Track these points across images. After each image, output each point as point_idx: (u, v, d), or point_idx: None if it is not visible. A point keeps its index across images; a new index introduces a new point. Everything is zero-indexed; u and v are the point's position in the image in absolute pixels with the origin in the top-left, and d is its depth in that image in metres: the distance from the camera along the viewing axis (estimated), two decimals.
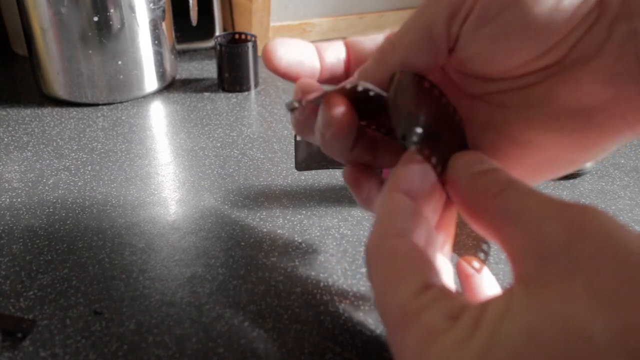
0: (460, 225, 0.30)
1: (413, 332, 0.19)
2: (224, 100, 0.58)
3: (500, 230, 0.20)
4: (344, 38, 0.27)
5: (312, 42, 0.27)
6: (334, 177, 0.43)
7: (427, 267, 0.20)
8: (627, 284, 0.15)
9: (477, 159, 0.22)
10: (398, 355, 0.19)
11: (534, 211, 0.19)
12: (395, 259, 0.20)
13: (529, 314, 0.16)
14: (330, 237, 0.36)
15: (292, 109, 0.25)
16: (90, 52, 0.54)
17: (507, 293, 0.18)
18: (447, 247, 0.26)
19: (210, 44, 0.68)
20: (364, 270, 0.33)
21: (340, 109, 0.23)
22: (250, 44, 0.58)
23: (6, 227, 0.37)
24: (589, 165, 0.43)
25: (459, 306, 0.19)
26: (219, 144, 0.49)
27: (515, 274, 0.18)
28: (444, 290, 0.20)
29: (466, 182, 0.22)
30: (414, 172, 0.22)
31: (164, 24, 0.58)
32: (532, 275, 0.17)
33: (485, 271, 0.30)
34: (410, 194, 0.22)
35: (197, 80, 0.63)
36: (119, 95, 0.56)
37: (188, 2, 0.62)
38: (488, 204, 0.20)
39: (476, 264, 0.30)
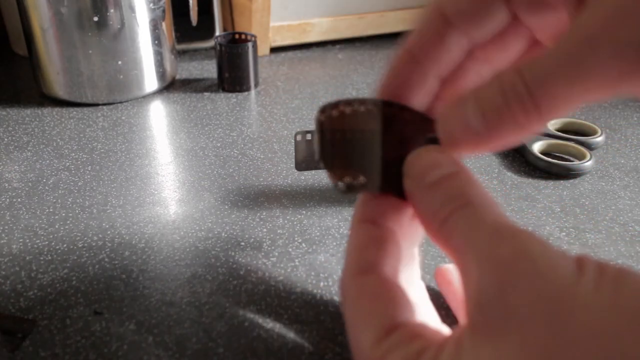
0: None
1: None
2: (224, 100, 0.58)
3: (454, 258, 0.19)
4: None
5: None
6: None
7: (393, 305, 0.20)
8: (559, 337, 0.15)
9: (430, 163, 0.21)
10: None
11: (476, 248, 0.18)
12: (361, 300, 0.20)
13: None
14: (330, 237, 0.36)
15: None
16: (90, 52, 0.54)
17: (459, 337, 0.18)
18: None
19: (210, 44, 0.68)
20: None
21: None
22: (250, 44, 0.58)
23: (6, 227, 0.37)
24: (589, 165, 0.43)
25: (417, 350, 0.18)
26: (219, 144, 0.49)
27: (466, 316, 0.18)
28: (406, 331, 0.19)
29: (420, 196, 0.21)
30: (380, 200, 0.22)
31: (164, 24, 0.58)
32: (475, 323, 0.17)
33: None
34: (377, 221, 0.21)
35: (197, 80, 0.63)
36: (119, 95, 0.56)
37: (188, 2, 0.62)
38: (440, 226, 0.19)
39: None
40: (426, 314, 0.21)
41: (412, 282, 0.23)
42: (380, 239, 0.21)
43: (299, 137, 0.38)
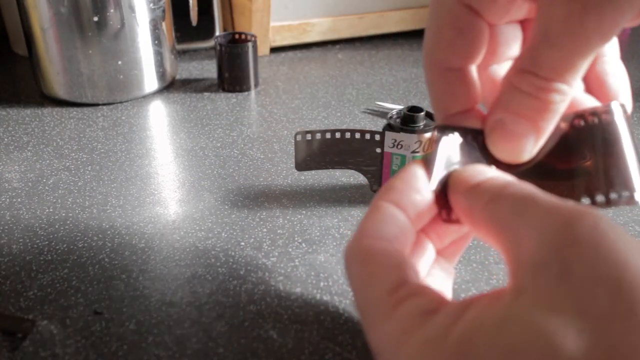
0: None
1: (388, 326, 0.19)
2: (224, 100, 0.58)
3: (498, 239, 0.19)
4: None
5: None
6: (334, 177, 0.43)
7: (403, 265, 0.20)
8: (616, 307, 0.15)
9: (473, 173, 0.22)
10: (375, 351, 0.19)
11: (529, 215, 0.18)
12: (372, 257, 0.20)
13: (512, 327, 0.16)
14: (330, 237, 0.36)
15: None
16: (90, 52, 0.54)
17: (495, 297, 0.17)
18: (454, 258, 0.26)
19: (210, 44, 0.68)
20: None
21: None
22: (250, 44, 0.58)
23: (6, 227, 0.37)
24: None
25: (436, 301, 0.19)
26: (219, 144, 0.49)
27: (509, 283, 0.18)
28: (420, 286, 0.19)
29: (464, 198, 0.21)
30: (409, 187, 0.22)
31: (164, 24, 0.58)
32: (521, 285, 0.17)
33: None
34: (400, 205, 0.22)
35: (197, 80, 0.63)
36: (119, 95, 0.56)
37: (188, 2, 0.62)
38: (483, 213, 0.20)
39: None
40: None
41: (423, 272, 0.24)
42: (399, 220, 0.21)
43: (299, 137, 0.38)
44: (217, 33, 0.68)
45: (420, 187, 0.22)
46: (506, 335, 0.16)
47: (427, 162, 0.22)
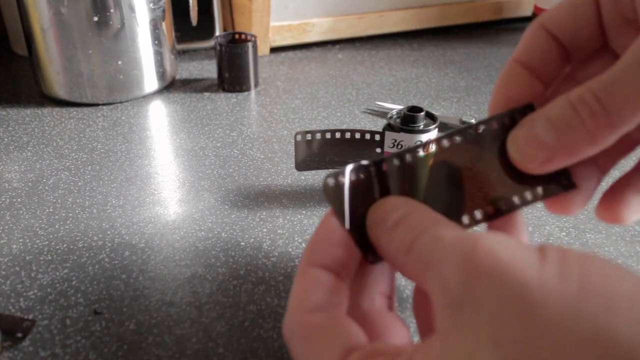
0: None
1: None
2: (224, 100, 0.58)
3: (423, 282, 0.19)
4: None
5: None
6: None
7: (345, 332, 0.20)
8: (527, 329, 0.15)
9: (389, 208, 0.21)
10: None
11: (437, 257, 0.18)
12: (312, 332, 0.20)
13: None
14: None
15: None
16: (90, 52, 0.54)
17: (427, 344, 0.17)
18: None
19: (210, 44, 0.68)
20: None
21: None
22: (250, 44, 0.58)
23: (6, 227, 0.37)
24: None
25: (388, 355, 0.18)
26: (219, 144, 0.49)
27: (436, 326, 0.18)
28: (367, 349, 0.19)
29: (384, 240, 0.21)
30: (328, 244, 0.22)
31: (164, 24, 0.58)
32: (445, 326, 0.17)
33: None
34: (326, 266, 0.21)
35: (197, 80, 0.63)
36: (119, 95, 0.56)
37: (188, 2, 0.62)
38: (406, 259, 0.20)
39: None
40: (389, 339, 0.21)
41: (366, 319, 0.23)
42: (329, 284, 0.21)
43: (299, 137, 0.38)
44: (217, 33, 0.68)
45: (339, 240, 0.22)
46: None
47: (337, 212, 0.21)
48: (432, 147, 0.22)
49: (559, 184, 0.23)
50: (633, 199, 0.23)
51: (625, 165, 0.25)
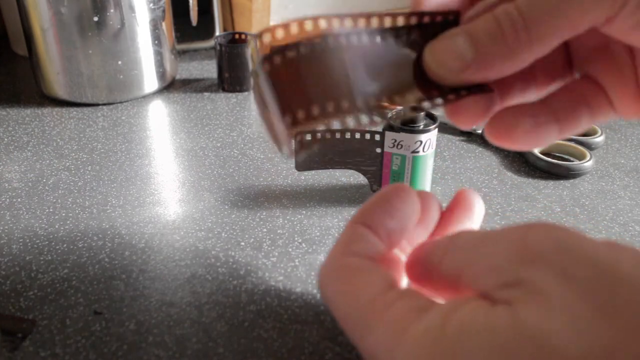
0: None
1: (382, 326, 0.19)
2: (224, 100, 0.58)
3: (462, 279, 0.20)
4: None
5: None
6: (334, 177, 0.43)
7: (387, 274, 0.20)
8: (606, 303, 0.15)
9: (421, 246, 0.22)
10: (370, 358, 0.19)
11: (486, 249, 0.19)
12: (354, 271, 0.21)
13: (505, 330, 0.16)
14: (330, 237, 0.36)
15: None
16: (90, 52, 0.54)
17: (483, 301, 0.18)
18: None
19: (210, 44, 0.68)
20: None
21: None
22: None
23: (6, 227, 0.37)
24: (589, 165, 0.43)
25: (428, 301, 0.19)
26: (219, 144, 0.49)
27: (492, 294, 0.18)
28: (408, 289, 0.20)
29: (418, 266, 0.22)
30: (378, 209, 0.23)
31: (164, 24, 0.58)
32: (508, 294, 0.17)
33: None
34: (371, 227, 0.22)
35: (197, 80, 0.63)
36: (119, 95, 0.56)
37: (188, 2, 0.62)
38: (440, 266, 0.20)
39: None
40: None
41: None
42: (371, 240, 0.22)
43: (299, 137, 0.38)
44: (217, 33, 0.68)
45: (393, 212, 0.23)
46: (498, 333, 0.16)
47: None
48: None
49: (470, 90, 0.22)
50: (526, 124, 0.22)
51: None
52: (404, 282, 0.24)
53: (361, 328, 0.20)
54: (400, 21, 0.21)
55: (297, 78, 0.19)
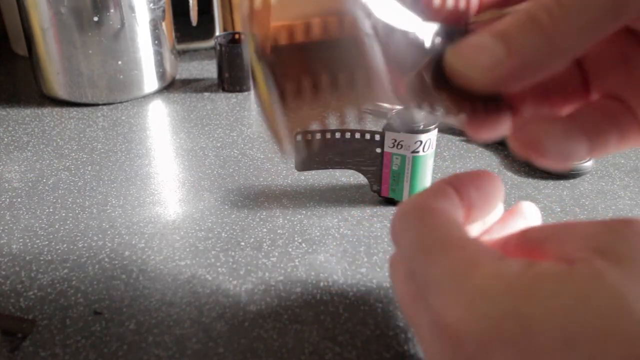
0: None
1: (458, 255, 0.19)
2: (224, 100, 0.58)
3: (545, 245, 0.20)
4: None
5: None
6: (334, 177, 0.43)
7: (463, 224, 0.21)
8: None
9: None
10: (430, 284, 0.19)
11: (570, 226, 0.19)
12: (432, 212, 0.21)
13: (585, 280, 0.16)
14: (330, 237, 0.36)
15: None
16: (90, 52, 0.54)
17: (558, 262, 0.18)
18: None
19: (210, 44, 0.68)
20: (364, 270, 0.33)
21: None
22: None
23: (6, 227, 0.37)
24: (589, 165, 0.43)
25: (503, 254, 0.19)
26: (219, 144, 0.49)
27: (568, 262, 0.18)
28: (484, 241, 0.20)
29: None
30: (474, 182, 0.23)
31: (164, 24, 0.58)
32: (588, 260, 0.17)
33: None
34: (460, 194, 0.23)
35: (197, 80, 0.63)
36: (119, 95, 0.56)
37: (188, 2, 0.62)
38: (526, 244, 0.21)
39: None
40: None
41: None
42: (455, 201, 0.22)
43: (299, 137, 0.38)
44: (217, 33, 0.68)
45: (482, 187, 0.23)
46: (577, 285, 0.16)
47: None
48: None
49: (491, 102, 0.20)
50: (558, 132, 0.21)
51: None
52: None
53: (434, 254, 0.19)
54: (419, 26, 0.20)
55: (301, 64, 0.18)
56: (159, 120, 0.54)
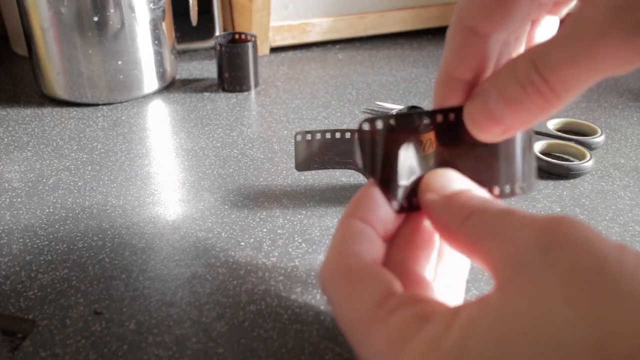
0: None
1: (381, 337, 0.19)
2: (224, 100, 0.58)
3: (476, 248, 0.20)
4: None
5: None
6: (334, 177, 0.43)
7: (386, 278, 0.20)
8: (604, 294, 0.15)
9: (447, 179, 0.23)
10: None
11: (509, 225, 0.19)
12: (353, 273, 0.21)
13: (503, 320, 0.16)
14: (330, 237, 0.36)
15: None
16: (90, 52, 0.54)
17: (483, 299, 0.18)
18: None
19: (210, 44, 0.68)
20: None
21: None
22: (250, 44, 0.58)
23: (6, 227, 0.37)
24: (589, 165, 0.43)
25: (428, 309, 0.19)
26: (219, 144, 0.49)
27: (495, 284, 0.18)
28: (408, 295, 0.19)
29: (438, 206, 0.22)
30: (372, 202, 0.23)
31: (164, 24, 0.58)
32: (508, 283, 0.17)
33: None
34: (367, 220, 0.22)
35: (197, 80, 0.63)
36: (119, 95, 0.56)
37: (188, 2, 0.62)
38: (462, 226, 0.20)
39: None
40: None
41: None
42: (368, 235, 0.22)
43: (299, 137, 0.38)
44: (217, 33, 0.68)
45: (383, 201, 0.23)
46: (499, 327, 0.16)
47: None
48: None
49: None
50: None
51: None
52: (428, 269, 0.25)
53: (359, 336, 0.20)
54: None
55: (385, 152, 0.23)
56: (159, 120, 0.54)
